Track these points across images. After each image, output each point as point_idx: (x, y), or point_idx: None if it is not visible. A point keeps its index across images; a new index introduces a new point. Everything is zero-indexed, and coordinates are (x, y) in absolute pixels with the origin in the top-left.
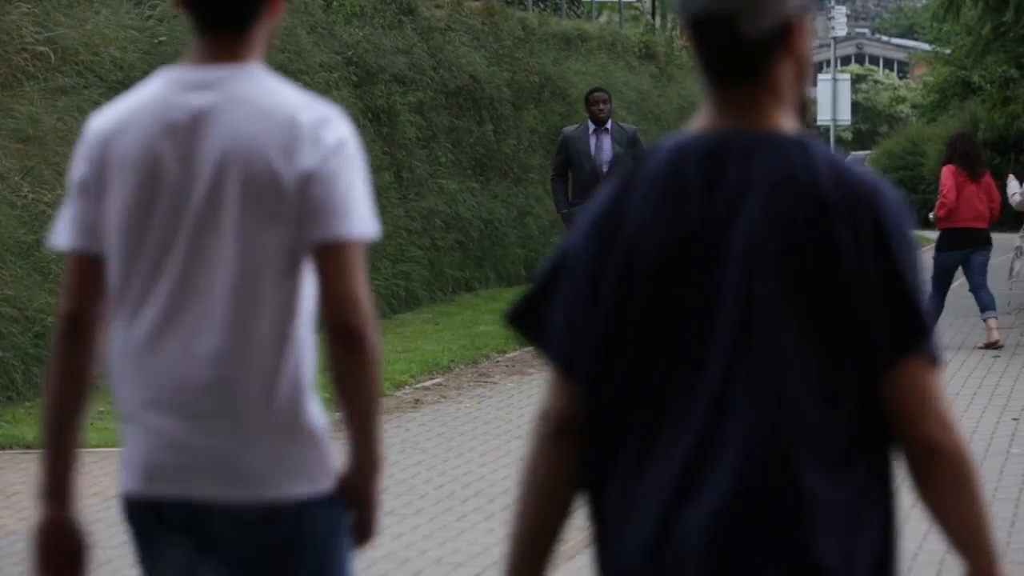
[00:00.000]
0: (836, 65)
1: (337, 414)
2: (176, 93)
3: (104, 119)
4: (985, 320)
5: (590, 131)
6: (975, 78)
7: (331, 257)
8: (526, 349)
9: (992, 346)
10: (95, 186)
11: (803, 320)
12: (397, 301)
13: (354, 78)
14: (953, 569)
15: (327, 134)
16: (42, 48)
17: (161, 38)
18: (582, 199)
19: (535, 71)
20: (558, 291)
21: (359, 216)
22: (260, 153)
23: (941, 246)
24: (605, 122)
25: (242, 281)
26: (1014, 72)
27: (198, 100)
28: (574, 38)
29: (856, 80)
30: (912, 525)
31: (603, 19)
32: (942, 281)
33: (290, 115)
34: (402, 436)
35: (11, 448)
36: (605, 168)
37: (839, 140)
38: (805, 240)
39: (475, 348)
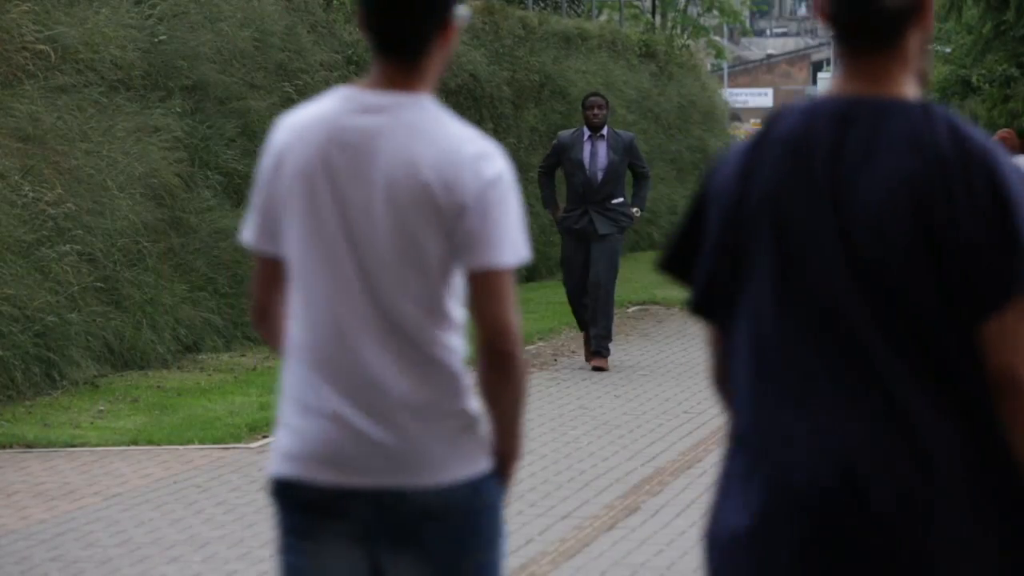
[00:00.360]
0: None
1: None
2: (350, 112)
3: (283, 129)
4: None
5: (585, 137)
6: (975, 77)
7: (485, 283)
8: (525, 348)
9: None
10: (273, 191)
11: (927, 272)
12: None
13: (354, 77)
14: None
15: (486, 167)
16: (42, 46)
17: (161, 37)
18: (575, 207)
19: (535, 70)
20: (701, 238)
21: (511, 245)
22: (422, 179)
23: None
24: (601, 128)
25: (398, 292)
26: (1014, 71)
27: (369, 122)
28: (574, 37)
29: None
30: None
31: (603, 18)
32: None
33: (454, 147)
34: None
35: (11, 447)
36: (600, 176)
37: None
38: (927, 196)
39: (474, 347)
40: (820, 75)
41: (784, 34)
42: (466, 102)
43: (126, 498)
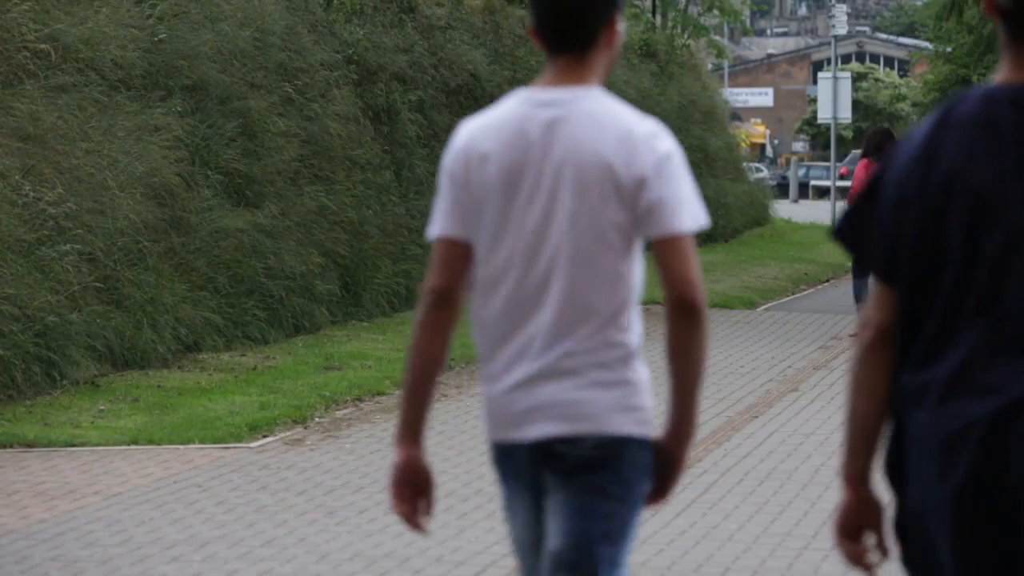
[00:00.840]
0: (837, 63)
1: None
2: (531, 108)
3: (471, 127)
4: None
5: None
6: (975, 76)
7: (670, 248)
8: None
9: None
10: (463, 182)
11: None
12: (398, 300)
13: (354, 76)
14: None
15: (659, 144)
16: (43, 46)
17: (161, 36)
18: None
19: (536, 70)
20: (877, 214)
21: (689, 212)
22: (602, 160)
23: None
24: None
25: (585, 265)
26: None
27: (549, 114)
28: None
29: (857, 78)
30: None
31: None
32: (862, 273)
33: (627, 129)
34: None
35: (11, 447)
36: None
37: (840, 138)
38: None
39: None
40: (820, 75)
41: (784, 34)
42: (466, 102)
43: (126, 498)
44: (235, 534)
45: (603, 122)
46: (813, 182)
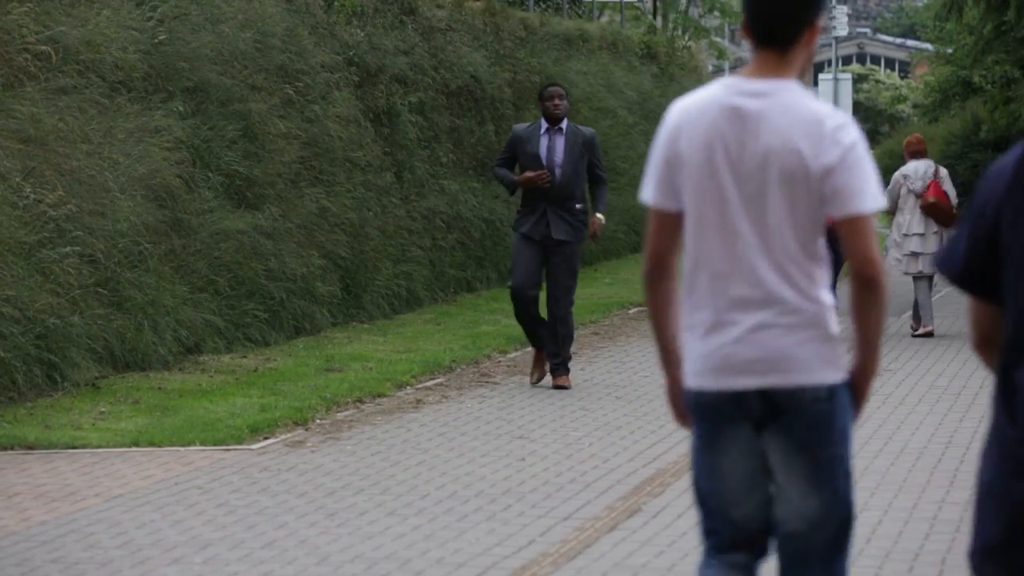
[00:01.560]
0: (837, 64)
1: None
2: (735, 96)
3: (678, 109)
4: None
5: (542, 130)
6: (976, 78)
7: (854, 227)
8: (527, 349)
9: None
10: (673, 158)
11: None
12: (399, 301)
13: (355, 78)
14: (956, 569)
15: (845, 136)
16: (43, 48)
17: (162, 38)
18: (530, 207)
19: (536, 71)
20: (969, 229)
21: (871, 196)
22: (795, 148)
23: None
24: (560, 120)
25: (780, 237)
26: (1015, 72)
27: (752, 103)
28: (575, 38)
29: (857, 80)
30: (913, 525)
31: (604, 19)
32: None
33: (819, 120)
34: (403, 436)
35: (12, 449)
36: (558, 173)
37: None
38: None
39: (476, 348)
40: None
41: None
42: (467, 103)
43: (127, 499)
44: (236, 536)
45: (798, 114)
46: None
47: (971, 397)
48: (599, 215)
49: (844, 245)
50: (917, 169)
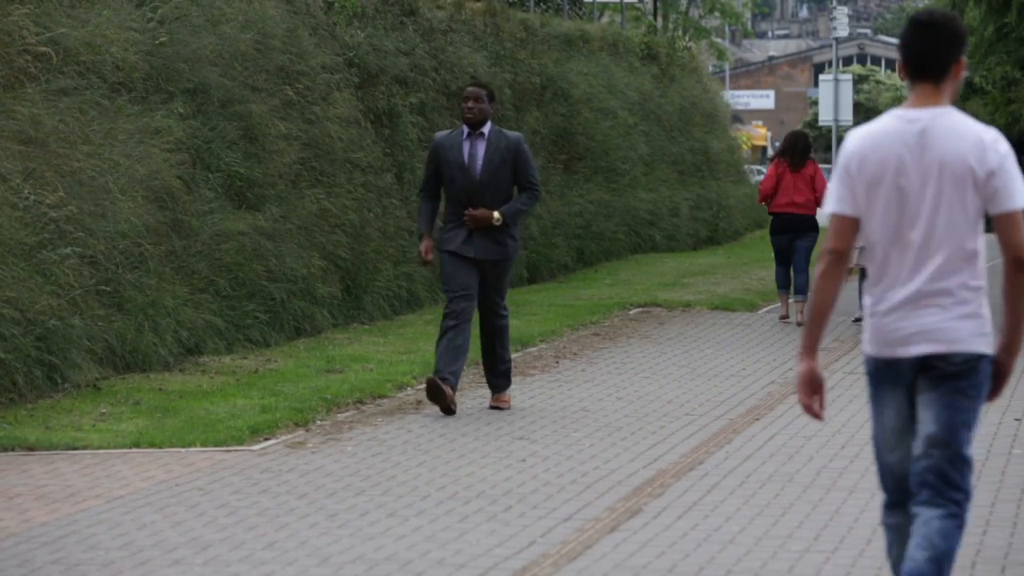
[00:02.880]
0: (838, 65)
1: None
2: (904, 123)
3: (859, 135)
4: (786, 299)
5: (463, 136)
6: (977, 79)
7: (1008, 221)
8: (527, 350)
9: (783, 319)
10: (857, 175)
11: None
12: (399, 302)
13: (355, 79)
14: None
15: (1000, 147)
16: (44, 49)
17: (162, 39)
18: (456, 220)
19: (537, 72)
20: None
21: (1020, 194)
22: (964, 160)
23: (770, 230)
24: (480, 125)
25: (951, 233)
26: (1016, 73)
27: (919, 128)
28: (576, 39)
29: (858, 80)
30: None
31: (605, 20)
32: (779, 252)
33: (979, 137)
34: (404, 437)
35: (13, 450)
36: (479, 183)
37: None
38: None
39: (476, 349)
40: (821, 77)
41: (786, 36)
42: None
43: (128, 501)
44: (236, 537)
45: (960, 132)
46: None
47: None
48: (496, 213)
49: (1000, 236)
50: None
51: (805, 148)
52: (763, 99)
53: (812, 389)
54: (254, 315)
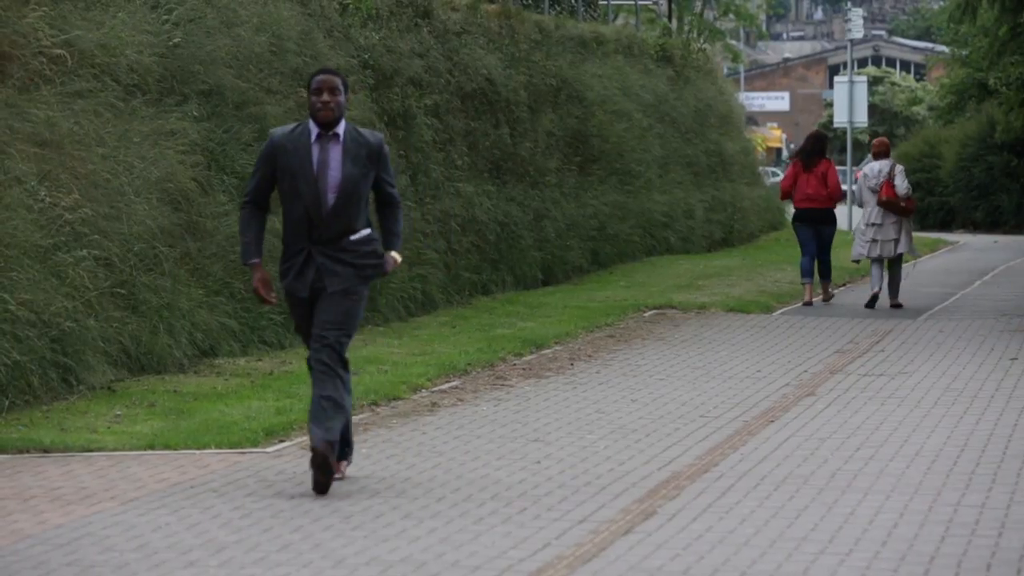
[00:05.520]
0: (853, 67)
1: None
2: None
3: None
4: (810, 287)
5: (312, 137)
6: (992, 80)
7: None
8: (542, 352)
9: (807, 304)
10: None
11: None
12: (413, 304)
13: (370, 81)
14: (972, 572)
15: None
16: (59, 51)
17: (177, 41)
18: (297, 252)
19: (551, 74)
20: None
21: None
22: None
23: (793, 219)
24: (334, 124)
25: None
26: None
27: None
28: (590, 41)
29: (873, 82)
30: (928, 528)
31: (619, 22)
32: (802, 244)
33: None
34: (419, 439)
35: (28, 452)
36: (331, 197)
37: (856, 142)
38: None
39: (491, 351)
40: (836, 79)
41: (801, 38)
42: (482, 106)
43: (143, 503)
44: (251, 539)
45: None
46: None
47: (986, 400)
48: (394, 253)
49: None
50: (873, 168)
51: (815, 149)
52: (778, 101)
53: None
54: (269, 317)
